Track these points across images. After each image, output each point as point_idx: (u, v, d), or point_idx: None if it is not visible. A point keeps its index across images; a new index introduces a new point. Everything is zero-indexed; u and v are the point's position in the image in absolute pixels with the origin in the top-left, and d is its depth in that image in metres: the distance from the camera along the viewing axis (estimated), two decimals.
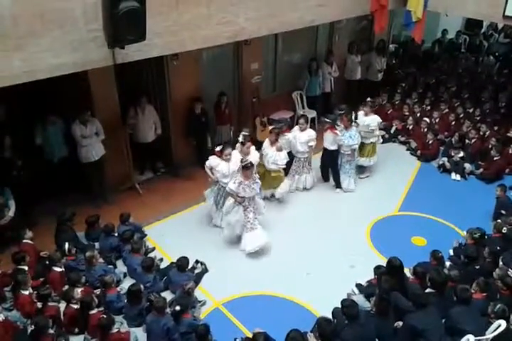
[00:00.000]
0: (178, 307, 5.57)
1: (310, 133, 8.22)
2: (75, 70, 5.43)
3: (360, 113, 8.80)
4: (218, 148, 7.22)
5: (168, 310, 5.59)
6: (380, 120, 8.95)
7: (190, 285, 5.92)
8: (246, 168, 6.72)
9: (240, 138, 7.49)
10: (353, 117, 8.36)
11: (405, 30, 12.09)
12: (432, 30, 14.02)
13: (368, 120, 8.69)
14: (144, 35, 5.17)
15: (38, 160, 7.61)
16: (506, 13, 7.98)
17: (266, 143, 7.93)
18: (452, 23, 14.31)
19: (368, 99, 9.13)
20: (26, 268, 6.08)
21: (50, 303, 5.70)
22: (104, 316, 5.40)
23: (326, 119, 8.50)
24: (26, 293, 5.71)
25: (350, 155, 8.36)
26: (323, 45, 11.01)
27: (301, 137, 8.17)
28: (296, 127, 8.35)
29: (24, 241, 6.49)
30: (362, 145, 8.78)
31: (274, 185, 8.12)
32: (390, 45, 13.29)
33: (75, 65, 5.35)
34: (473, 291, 5.55)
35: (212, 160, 7.26)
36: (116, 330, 5.39)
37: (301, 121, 8.25)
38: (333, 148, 8.33)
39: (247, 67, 9.40)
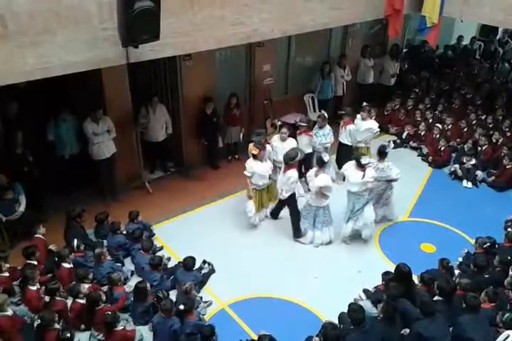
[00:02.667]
0: (182, 307, 5.56)
1: (292, 143, 7.71)
2: (89, 68, 5.47)
3: (358, 117, 8.68)
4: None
5: (174, 311, 5.58)
6: (377, 124, 8.80)
7: (188, 284, 5.91)
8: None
9: None
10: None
11: (419, 35, 12.02)
12: (447, 35, 13.93)
13: (367, 124, 8.56)
14: (157, 35, 5.19)
15: (50, 156, 7.66)
16: None
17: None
18: (467, 29, 14.20)
19: (364, 103, 8.96)
20: (36, 263, 6.13)
21: (57, 298, 5.73)
22: (109, 312, 5.41)
23: (301, 123, 8.25)
24: (34, 288, 5.75)
25: (322, 152, 7.90)
26: (337, 48, 10.97)
27: (283, 149, 7.52)
28: (276, 137, 7.94)
29: (36, 235, 6.53)
30: (355, 148, 8.77)
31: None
32: (404, 50, 13.22)
33: (88, 63, 5.38)
34: (482, 301, 5.48)
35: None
36: (122, 328, 5.40)
37: (284, 130, 7.84)
38: (309, 150, 8.20)
39: (260, 68, 9.39)
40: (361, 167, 6.92)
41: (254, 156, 7.28)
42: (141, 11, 4.85)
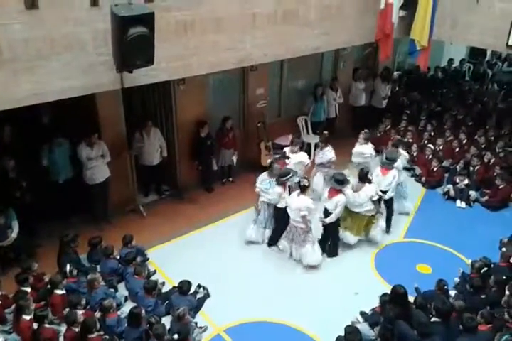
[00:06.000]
0: (176, 336, 5.45)
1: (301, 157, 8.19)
2: (84, 93, 5.51)
3: (287, 150, 8.29)
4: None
5: (166, 337, 5.49)
6: (307, 156, 8.47)
7: (181, 310, 5.82)
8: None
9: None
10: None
11: (410, 58, 12.23)
12: (437, 57, 14.18)
13: (297, 158, 8.15)
14: (152, 60, 5.26)
15: (43, 181, 7.62)
16: (510, 43, 8.09)
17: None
18: (457, 52, 14.47)
19: (290, 136, 8.87)
20: (29, 289, 6.03)
21: (46, 325, 5.61)
22: (107, 337, 5.29)
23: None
24: (28, 318, 5.62)
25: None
26: (328, 71, 11.14)
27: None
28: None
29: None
30: None
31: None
32: (395, 73, 13.42)
33: (83, 88, 5.43)
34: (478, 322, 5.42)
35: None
36: None
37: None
38: None
39: (253, 92, 9.50)
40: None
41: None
42: (135, 37, 4.92)
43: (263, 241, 7.72)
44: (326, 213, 7.21)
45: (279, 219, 7.43)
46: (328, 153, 8.44)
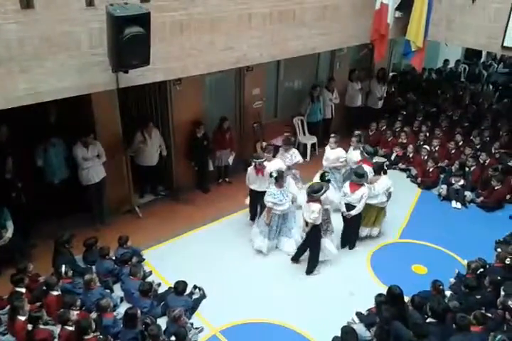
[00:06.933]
0: (173, 338, 5.43)
1: (277, 164, 7.91)
2: (79, 93, 5.50)
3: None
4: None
5: (162, 337, 5.47)
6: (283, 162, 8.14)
7: (177, 311, 5.81)
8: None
9: None
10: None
11: (405, 59, 12.26)
12: (432, 59, 14.22)
13: (274, 165, 7.84)
14: (147, 60, 5.26)
15: (38, 182, 7.59)
16: (505, 44, 8.14)
17: None
18: (452, 53, 14.52)
19: (265, 143, 8.84)
20: (24, 290, 5.99)
21: (41, 326, 5.57)
22: (101, 337, 5.26)
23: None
24: (23, 318, 5.58)
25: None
26: (325, 72, 11.16)
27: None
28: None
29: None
30: None
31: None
32: (390, 73, 13.45)
33: (79, 88, 5.42)
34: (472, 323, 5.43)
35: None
36: None
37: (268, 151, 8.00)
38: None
39: (249, 92, 9.50)
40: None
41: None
42: (131, 36, 4.91)
43: (273, 251, 7.66)
44: (348, 207, 7.35)
45: (316, 239, 7.06)
46: (297, 156, 8.41)
